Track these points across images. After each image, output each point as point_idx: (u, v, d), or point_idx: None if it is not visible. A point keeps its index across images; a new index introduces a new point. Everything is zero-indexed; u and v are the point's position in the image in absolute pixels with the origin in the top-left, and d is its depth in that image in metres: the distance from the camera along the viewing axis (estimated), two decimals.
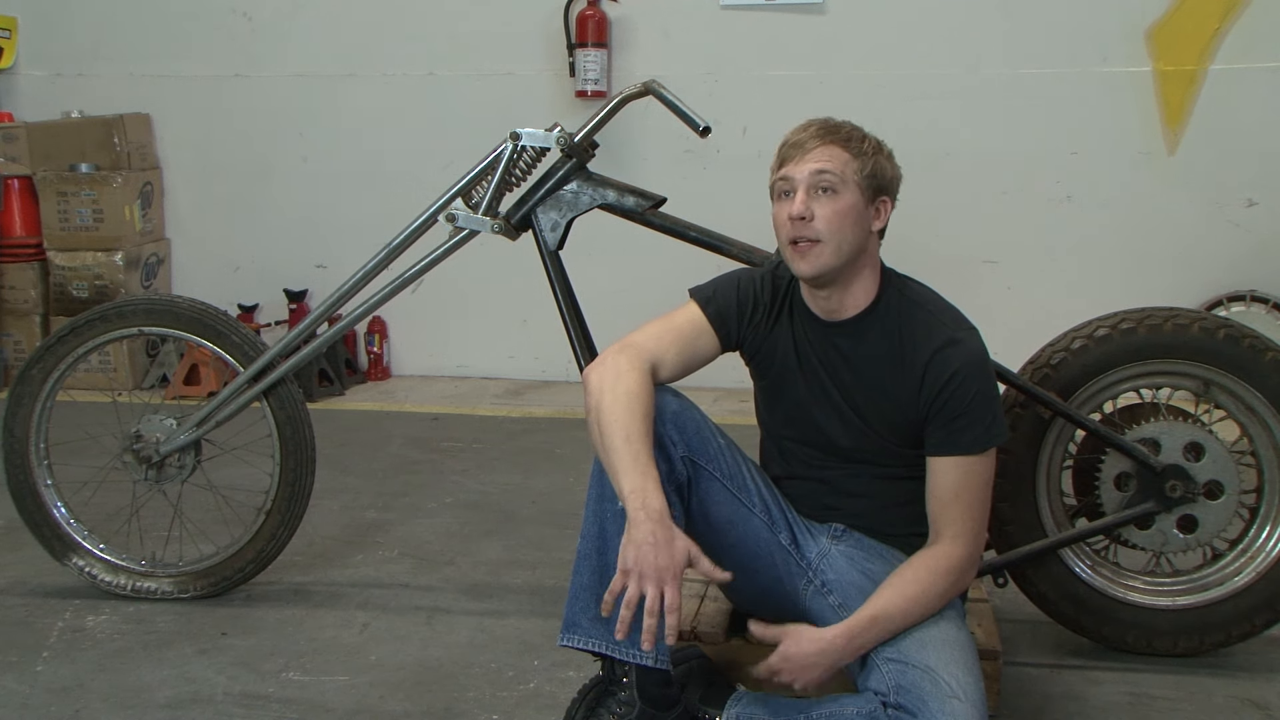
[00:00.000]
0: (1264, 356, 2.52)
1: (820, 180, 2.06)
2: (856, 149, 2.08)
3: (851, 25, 5.25)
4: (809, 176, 2.06)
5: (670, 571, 1.84)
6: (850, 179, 2.07)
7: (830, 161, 2.06)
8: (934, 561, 2.05)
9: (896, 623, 2.00)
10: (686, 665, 2.20)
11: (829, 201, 2.06)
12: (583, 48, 5.33)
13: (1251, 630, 2.59)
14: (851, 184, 2.07)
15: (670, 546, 1.85)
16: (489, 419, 5.00)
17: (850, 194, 2.07)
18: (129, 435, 2.91)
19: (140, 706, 2.40)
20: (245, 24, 5.74)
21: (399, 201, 3.86)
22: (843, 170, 2.06)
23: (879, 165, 2.10)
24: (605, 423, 1.99)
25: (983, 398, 2.08)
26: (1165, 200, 5.11)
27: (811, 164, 2.06)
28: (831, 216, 2.05)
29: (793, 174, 2.08)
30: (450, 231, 2.73)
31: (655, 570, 1.84)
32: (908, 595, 2.02)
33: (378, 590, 3.05)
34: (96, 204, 5.56)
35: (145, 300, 2.94)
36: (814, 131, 2.09)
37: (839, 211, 2.06)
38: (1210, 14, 5.00)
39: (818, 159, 2.06)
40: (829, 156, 2.06)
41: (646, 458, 1.95)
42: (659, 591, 1.84)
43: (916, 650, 1.96)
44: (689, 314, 2.21)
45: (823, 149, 2.07)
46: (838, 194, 2.06)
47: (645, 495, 1.90)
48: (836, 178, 2.06)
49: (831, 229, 2.05)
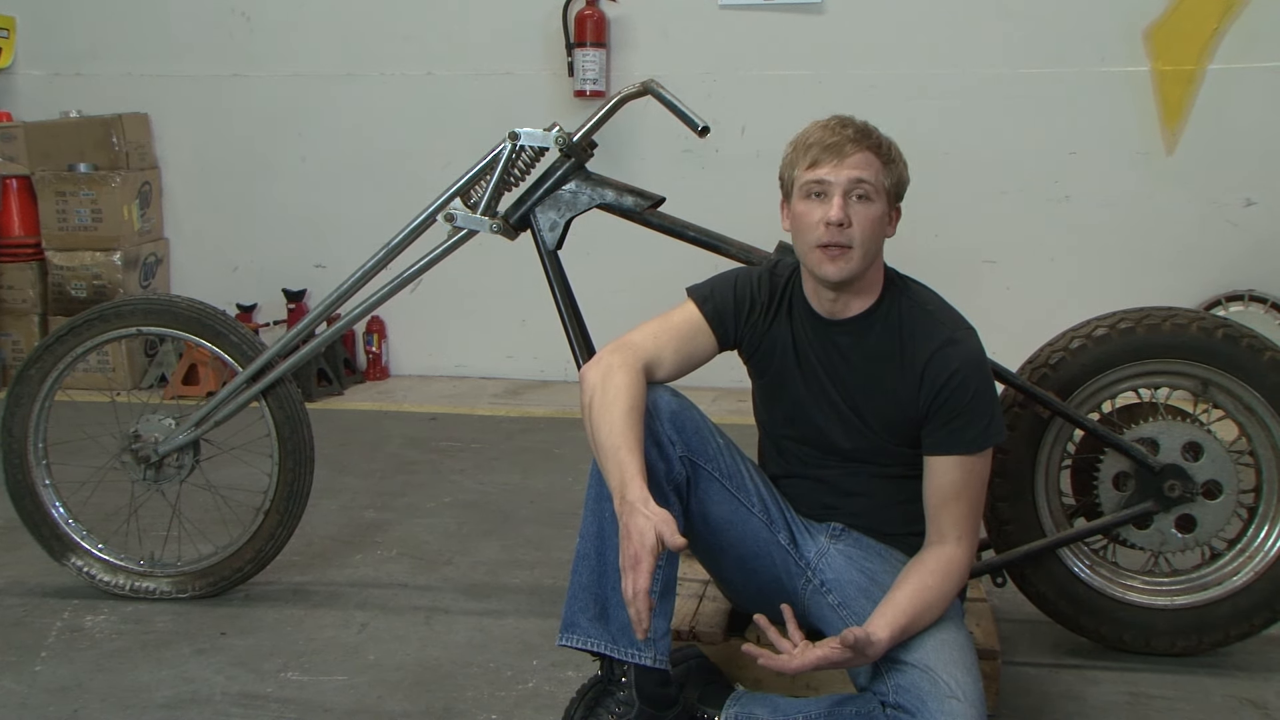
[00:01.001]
0: (1262, 356, 2.52)
1: (858, 188, 2.05)
2: (887, 156, 2.09)
3: (850, 25, 5.25)
4: (847, 183, 2.05)
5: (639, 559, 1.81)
6: (882, 187, 2.07)
7: (868, 169, 2.06)
8: (943, 565, 2.05)
9: (918, 628, 1.99)
10: (685, 665, 2.20)
11: (864, 209, 2.06)
12: (581, 47, 5.33)
13: (1250, 630, 2.60)
14: (882, 192, 2.08)
15: (642, 535, 1.82)
16: (488, 419, 5.00)
17: (881, 202, 2.08)
18: (127, 435, 2.91)
19: (139, 706, 2.40)
20: (244, 24, 5.73)
21: (397, 201, 3.86)
22: (877, 179, 2.06)
23: (902, 174, 2.12)
24: (595, 421, 2.00)
25: (982, 397, 2.09)
26: (1164, 200, 5.12)
27: (850, 170, 2.05)
28: (867, 224, 2.06)
29: (830, 178, 2.05)
30: (449, 231, 2.73)
31: (627, 559, 1.83)
32: (928, 602, 2.00)
33: (376, 590, 3.05)
34: (95, 204, 5.55)
35: (144, 300, 2.94)
36: (850, 135, 2.07)
37: (873, 219, 2.07)
38: (1208, 14, 5.00)
39: (856, 166, 2.05)
40: (866, 164, 2.06)
41: (628, 452, 1.94)
42: (630, 580, 1.83)
43: (915, 650, 1.96)
44: (686, 313, 2.21)
45: (860, 155, 2.06)
46: (872, 202, 2.06)
47: (625, 489, 1.89)
48: (872, 186, 2.06)
49: (865, 236, 2.06)
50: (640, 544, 1.82)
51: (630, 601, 1.83)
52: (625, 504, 1.87)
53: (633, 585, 1.82)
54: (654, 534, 1.82)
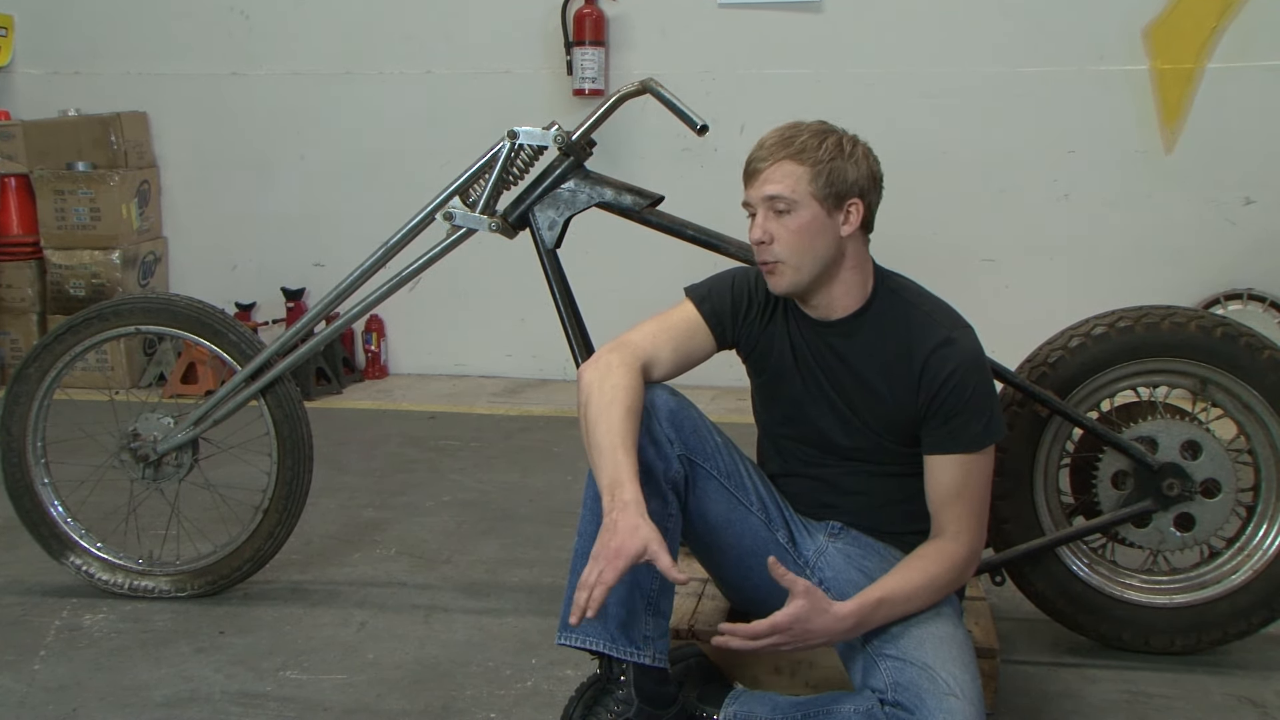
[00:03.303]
0: (1261, 355, 2.52)
1: (774, 204, 2.07)
2: (811, 158, 2.06)
3: (849, 24, 5.25)
4: (762, 200, 2.08)
5: (619, 553, 1.81)
6: (804, 193, 2.06)
7: (780, 183, 2.05)
8: (938, 553, 2.06)
9: (899, 608, 2.00)
10: (684, 663, 2.20)
11: (784, 222, 2.07)
12: (580, 46, 5.33)
13: (1248, 628, 2.60)
14: (806, 198, 2.06)
15: (631, 534, 1.82)
16: (486, 417, 5.00)
17: (807, 209, 2.06)
18: (126, 434, 2.91)
19: (137, 705, 2.40)
20: (243, 22, 5.73)
21: (396, 200, 3.86)
22: (794, 188, 2.05)
23: (837, 170, 2.06)
24: (591, 419, 1.99)
25: (980, 396, 2.09)
26: (1162, 199, 5.12)
27: (764, 188, 2.07)
28: (789, 237, 2.06)
29: (750, 197, 2.10)
30: (448, 230, 2.73)
31: (605, 550, 1.82)
32: (914, 582, 2.01)
33: (375, 589, 3.05)
34: (93, 202, 5.55)
35: (142, 299, 2.94)
36: (768, 149, 2.08)
37: (795, 231, 2.06)
38: (1207, 12, 5.00)
39: (769, 181, 2.07)
40: (780, 176, 2.06)
41: (624, 452, 1.94)
42: (599, 569, 1.81)
43: (914, 648, 1.96)
44: (684, 312, 2.22)
45: (773, 168, 2.07)
46: (792, 213, 2.06)
47: (618, 488, 1.89)
48: (787, 200, 2.05)
49: (790, 249, 2.07)
50: (629, 542, 1.81)
51: (587, 586, 1.81)
52: (618, 502, 1.86)
53: (598, 575, 1.80)
54: (645, 543, 1.81)
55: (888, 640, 2.00)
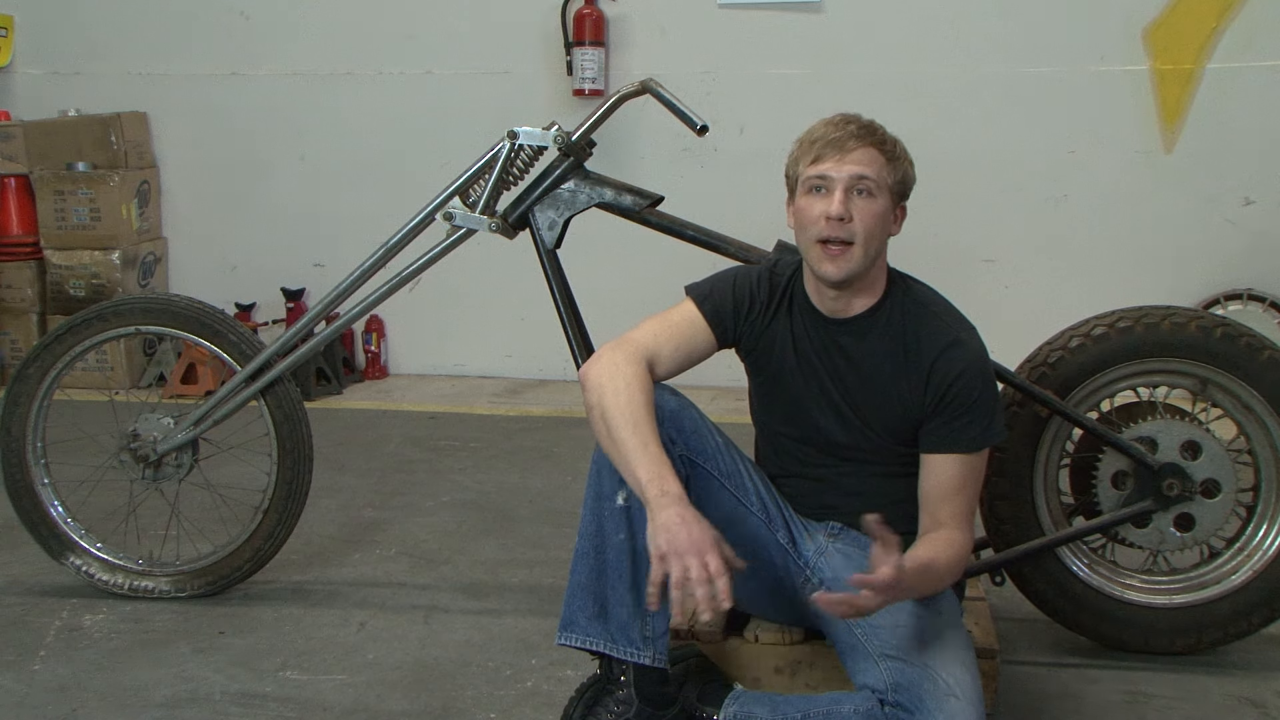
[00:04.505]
0: (1261, 355, 2.52)
1: (860, 184, 2.05)
2: (891, 154, 2.09)
3: (849, 24, 5.25)
4: (849, 178, 2.05)
5: (706, 543, 1.83)
6: (884, 184, 2.07)
7: (870, 165, 2.06)
8: (948, 542, 2.05)
9: (931, 583, 1.99)
10: (684, 663, 2.20)
11: (866, 204, 2.06)
12: (580, 46, 5.33)
13: (1248, 628, 2.60)
14: (885, 189, 2.07)
15: (700, 523, 1.85)
16: (486, 418, 5.00)
17: (883, 199, 2.08)
18: (126, 434, 2.91)
19: (137, 705, 2.40)
20: (242, 22, 5.73)
21: (396, 200, 3.86)
22: (879, 175, 2.06)
23: (907, 173, 2.12)
24: (610, 414, 1.99)
25: (985, 397, 2.10)
26: (1162, 199, 5.12)
27: (852, 166, 2.05)
28: (868, 219, 2.06)
29: (832, 173, 2.06)
30: (448, 230, 2.73)
31: (691, 544, 1.83)
32: (943, 556, 2.01)
33: (375, 589, 3.05)
34: (93, 203, 5.55)
35: (142, 299, 2.94)
36: (853, 131, 2.07)
37: (875, 215, 2.07)
38: (1207, 13, 5.00)
39: (858, 162, 2.05)
40: (868, 160, 2.06)
41: (656, 445, 1.95)
42: (702, 561, 1.82)
43: (914, 648, 1.96)
44: (685, 311, 2.21)
45: (862, 151, 2.06)
46: (874, 198, 2.06)
47: (663, 481, 1.90)
48: (874, 182, 2.06)
49: (867, 231, 2.06)
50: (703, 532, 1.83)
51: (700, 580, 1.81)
52: (669, 496, 1.88)
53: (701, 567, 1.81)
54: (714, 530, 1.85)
55: (888, 640, 1.99)
